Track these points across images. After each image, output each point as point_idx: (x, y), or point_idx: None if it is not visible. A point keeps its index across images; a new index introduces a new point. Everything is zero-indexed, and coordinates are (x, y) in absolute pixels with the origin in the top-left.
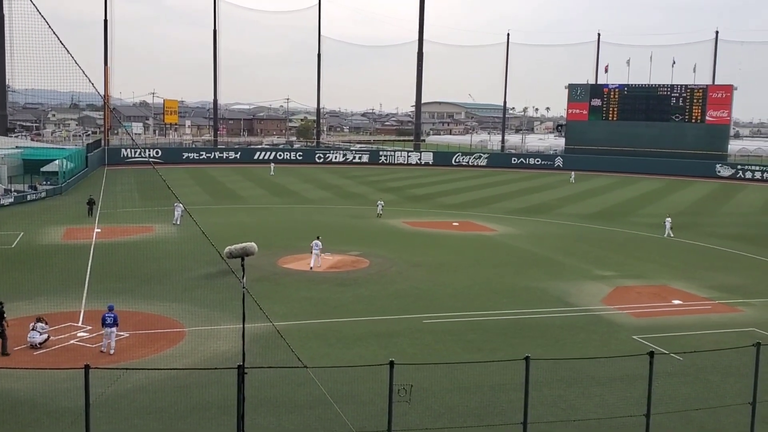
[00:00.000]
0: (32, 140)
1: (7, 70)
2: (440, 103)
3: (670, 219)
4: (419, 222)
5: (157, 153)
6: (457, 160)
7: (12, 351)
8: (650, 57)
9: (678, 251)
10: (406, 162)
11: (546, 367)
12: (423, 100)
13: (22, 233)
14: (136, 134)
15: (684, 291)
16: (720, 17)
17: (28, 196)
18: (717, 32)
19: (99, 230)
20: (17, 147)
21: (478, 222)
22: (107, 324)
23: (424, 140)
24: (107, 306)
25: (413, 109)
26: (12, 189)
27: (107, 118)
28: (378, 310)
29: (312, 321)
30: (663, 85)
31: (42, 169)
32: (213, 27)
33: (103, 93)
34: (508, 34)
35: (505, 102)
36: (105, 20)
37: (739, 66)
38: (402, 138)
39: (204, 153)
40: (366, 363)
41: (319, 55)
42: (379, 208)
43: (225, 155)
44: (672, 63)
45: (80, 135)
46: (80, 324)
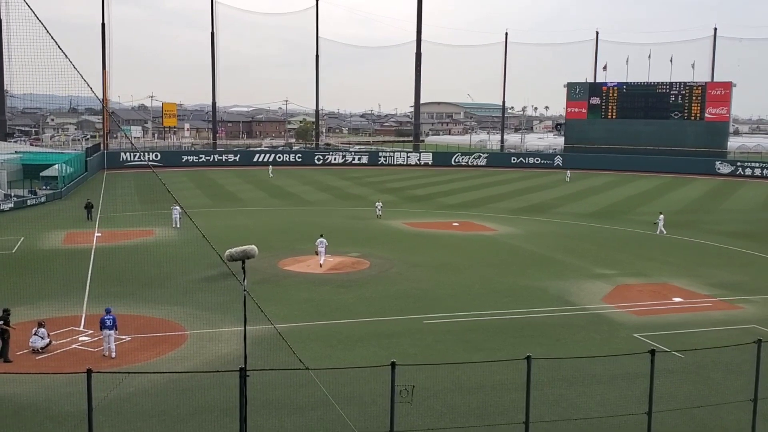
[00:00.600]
0: (31, 145)
1: (6, 75)
2: (439, 104)
3: (663, 216)
4: (419, 222)
5: (157, 156)
6: (457, 160)
7: (14, 356)
8: (649, 54)
9: (678, 249)
10: (406, 163)
11: (547, 367)
12: (422, 101)
13: (23, 238)
14: (135, 138)
15: (685, 288)
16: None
17: (28, 201)
18: (715, 29)
19: (99, 234)
20: (16, 152)
21: (478, 222)
22: (106, 327)
23: (423, 141)
24: (105, 309)
25: (412, 110)
26: (12, 194)
27: (106, 122)
28: (379, 311)
29: (313, 323)
30: (662, 83)
31: (41, 174)
32: (211, 29)
33: (102, 97)
34: (506, 34)
35: (504, 101)
36: (103, 24)
37: (738, 62)
38: (401, 139)
39: (203, 156)
40: (367, 364)
41: (317, 57)
42: (378, 209)
43: (224, 158)
44: (670, 60)
45: (79, 139)
46: (82, 328)
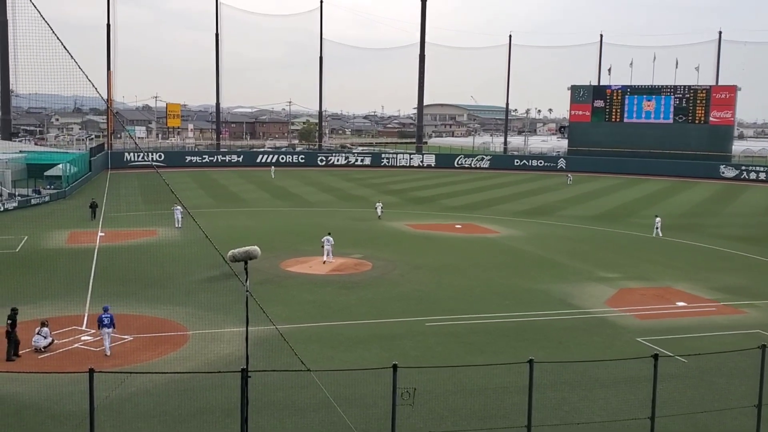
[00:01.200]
0: (36, 144)
1: (11, 75)
2: (442, 105)
3: (660, 219)
4: (422, 224)
5: (160, 157)
6: (460, 162)
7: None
8: (653, 58)
9: (682, 252)
10: (409, 164)
11: (549, 370)
12: (425, 103)
13: (27, 237)
14: (139, 138)
15: (688, 293)
16: (723, 17)
17: (32, 201)
18: (720, 32)
19: (103, 234)
20: (21, 151)
21: (481, 224)
22: (104, 325)
23: (426, 142)
24: (102, 307)
25: (415, 112)
26: (16, 193)
27: (110, 122)
28: (381, 313)
29: (315, 324)
30: (666, 86)
31: (46, 174)
32: (215, 30)
33: (106, 97)
34: (510, 36)
35: (508, 104)
36: (108, 25)
37: (743, 66)
38: (404, 140)
39: (207, 156)
40: (369, 366)
41: (321, 58)
42: (379, 210)
43: (227, 158)
44: (675, 63)
45: (83, 139)
46: (84, 328)
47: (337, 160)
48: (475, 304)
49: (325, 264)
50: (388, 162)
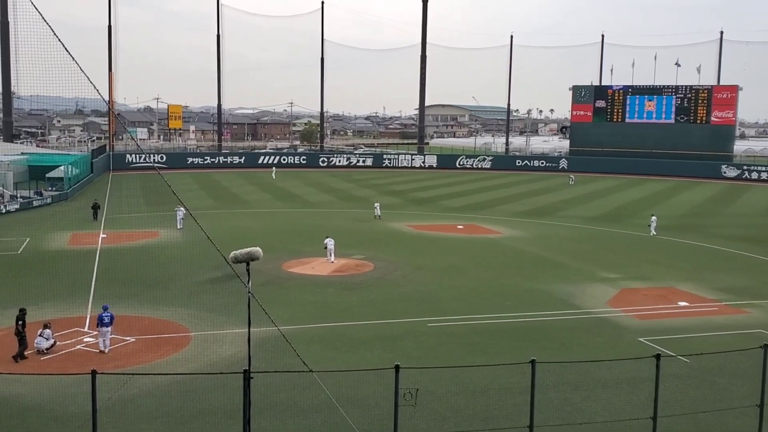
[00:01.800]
0: (37, 146)
1: (13, 77)
2: (444, 106)
3: (656, 218)
4: (423, 225)
5: (162, 158)
6: (461, 163)
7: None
8: (654, 58)
9: (684, 253)
10: (410, 165)
11: (551, 370)
12: (426, 103)
13: (28, 239)
14: (141, 139)
15: (690, 293)
16: (724, 17)
17: (34, 202)
18: (722, 32)
19: (104, 235)
20: (23, 153)
21: (483, 225)
22: (104, 324)
23: (428, 143)
24: (102, 306)
25: (417, 112)
26: (18, 195)
27: (112, 124)
28: (383, 314)
29: (317, 325)
30: (668, 86)
31: (47, 175)
32: (216, 32)
33: (108, 99)
34: (512, 37)
35: (509, 104)
36: (109, 26)
37: (745, 66)
38: (406, 141)
39: (208, 158)
40: (371, 367)
41: (323, 59)
42: (377, 210)
43: (229, 160)
44: (677, 63)
45: (85, 141)
46: (86, 329)
47: (339, 161)
48: (477, 305)
49: (328, 264)
50: (390, 163)
